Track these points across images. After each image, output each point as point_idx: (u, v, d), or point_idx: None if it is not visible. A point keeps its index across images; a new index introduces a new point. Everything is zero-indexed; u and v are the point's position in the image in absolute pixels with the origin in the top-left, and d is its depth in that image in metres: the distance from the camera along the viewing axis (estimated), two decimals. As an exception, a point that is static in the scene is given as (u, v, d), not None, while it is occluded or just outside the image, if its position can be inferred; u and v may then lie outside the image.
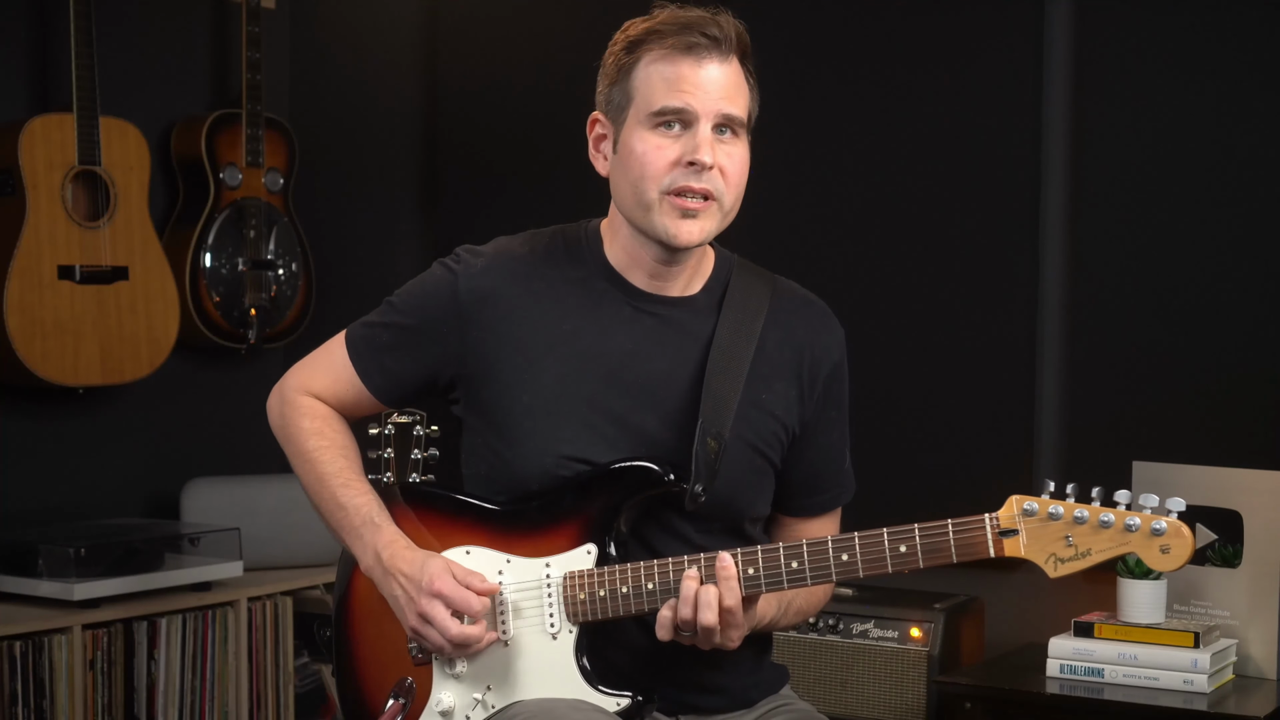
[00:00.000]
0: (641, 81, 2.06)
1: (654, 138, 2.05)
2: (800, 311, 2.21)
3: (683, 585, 1.99)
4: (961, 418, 3.49)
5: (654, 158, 2.04)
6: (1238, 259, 3.24)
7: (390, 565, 2.07)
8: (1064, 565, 1.92)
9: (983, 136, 3.47)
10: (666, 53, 2.05)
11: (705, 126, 2.04)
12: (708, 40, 2.04)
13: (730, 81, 2.06)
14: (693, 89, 2.03)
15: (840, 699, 3.29)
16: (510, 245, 2.20)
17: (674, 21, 2.06)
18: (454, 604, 2.02)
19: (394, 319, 2.20)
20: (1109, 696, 2.94)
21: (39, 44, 3.82)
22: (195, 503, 3.97)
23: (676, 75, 2.04)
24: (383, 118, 4.33)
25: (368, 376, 2.21)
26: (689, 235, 2.06)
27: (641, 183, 2.06)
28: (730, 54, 2.06)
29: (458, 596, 2.02)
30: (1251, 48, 3.23)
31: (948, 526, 1.96)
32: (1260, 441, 3.16)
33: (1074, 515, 1.92)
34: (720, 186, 2.06)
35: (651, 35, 2.06)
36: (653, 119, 2.05)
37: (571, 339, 2.13)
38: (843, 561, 1.99)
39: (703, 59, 2.04)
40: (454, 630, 2.02)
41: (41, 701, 3.41)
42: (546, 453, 2.10)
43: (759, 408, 2.13)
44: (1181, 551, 1.89)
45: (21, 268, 3.60)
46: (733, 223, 2.16)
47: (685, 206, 2.04)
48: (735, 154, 2.07)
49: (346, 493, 2.15)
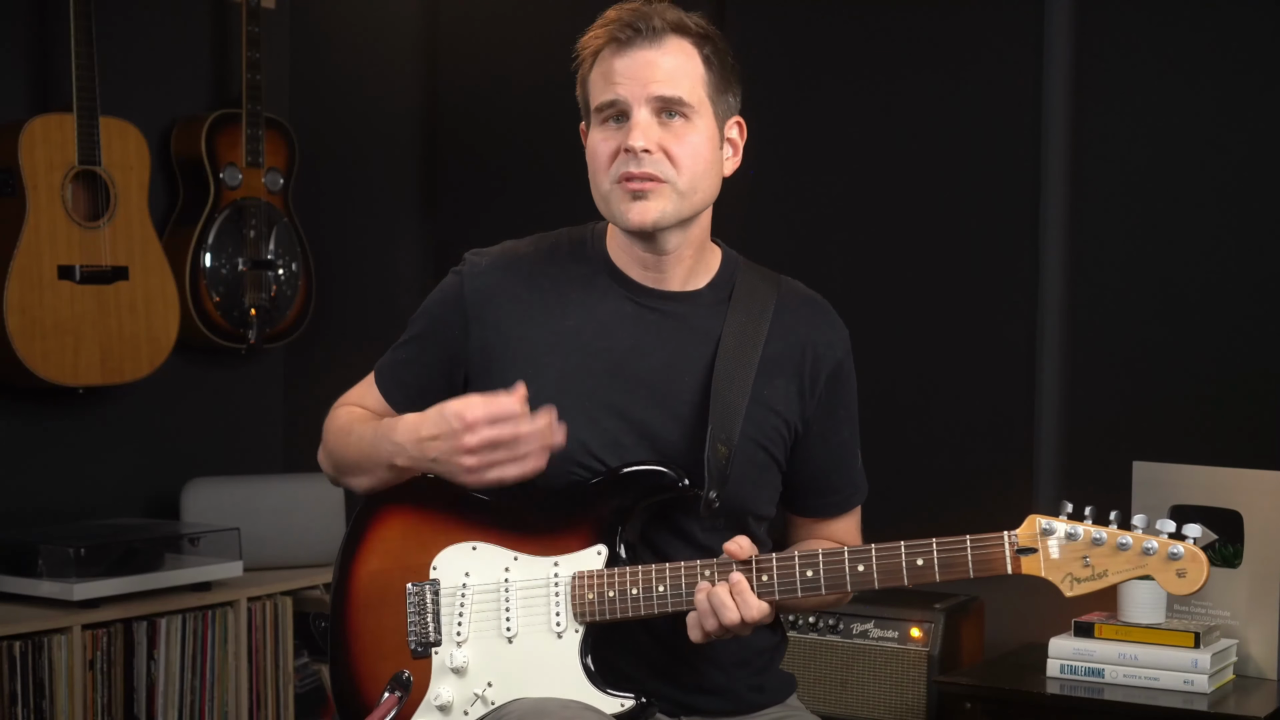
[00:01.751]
0: (590, 83, 2.13)
1: (600, 132, 2.10)
2: (802, 309, 2.21)
3: (695, 600, 2.00)
4: (962, 418, 3.49)
5: (600, 150, 2.10)
6: (1238, 259, 3.24)
7: (412, 440, 2.05)
8: (1080, 585, 1.94)
9: (983, 136, 3.47)
10: (604, 51, 2.11)
11: (640, 112, 2.06)
12: (633, 31, 2.08)
13: (662, 65, 2.07)
14: (621, 79, 2.07)
15: (840, 699, 3.29)
16: (516, 246, 2.23)
17: (605, 21, 2.12)
18: (495, 412, 1.98)
19: (410, 334, 2.24)
20: (1109, 697, 2.93)
21: (39, 44, 3.82)
22: (195, 503, 3.97)
23: (609, 69, 2.09)
24: (383, 118, 4.33)
25: (390, 396, 2.23)
26: (641, 215, 2.07)
27: (596, 176, 2.11)
28: (660, 39, 2.08)
29: (495, 404, 1.98)
30: (1251, 48, 3.23)
31: (966, 542, 1.96)
32: (1260, 441, 3.16)
33: (1093, 537, 1.93)
34: (667, 169, 2.07)
35: (593, 40, 2.13)
36: (597, 116, 2.11)
37: (574, 335, 2.14)
38: (859, 573, 1.99)
39: (627, 49, 2.08)
40: (524, 427, 1.97)
41: (41, 702, 3.41)
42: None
43: (761, 404, 2.14)
44: (1197, 576, 1.91)
45: (21, 268, 3.60)
46: (733, 223, 2.16)
47: (632, 189, 2.07)
48: (684, 135, 2.08)
49: (363, 426, 2.17)
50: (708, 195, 2.13)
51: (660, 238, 2.11)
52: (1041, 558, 1.95)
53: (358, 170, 4.36)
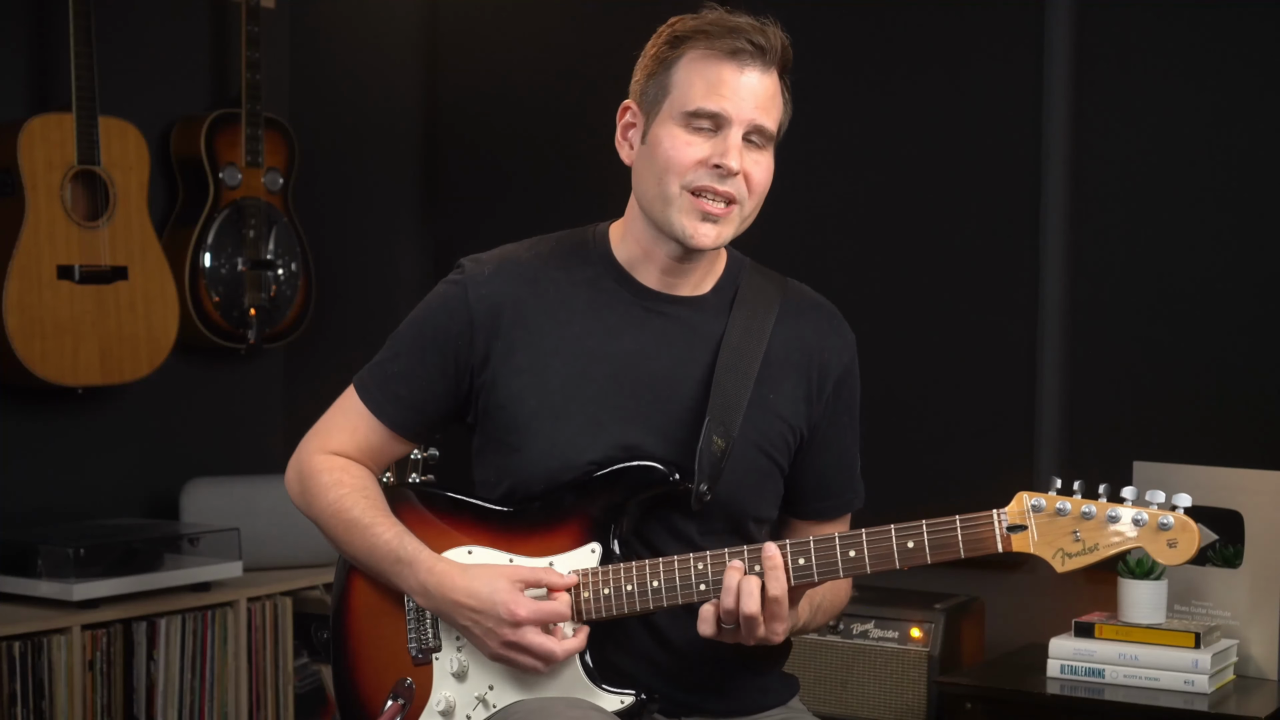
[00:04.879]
0: (681, 78, 2.06)
1: (684, 134, 2.05)
2: (810, 314, 2.21)
3: (726, 576, 1.99)
4: (962, 418, 3.49)
5: (682, 153, 2.05)
6: (1238, 259, 3.24)
7: (446, 599, 2.05)
8: (1071, 560, 1.93)
9: (983, 137, 3.47)
10: (710, 54, 2.05)
11: (737, 133, 2.04)
12: (753, 48, 2.04)
13: (768, 93, 2.07)
14: (731, 94, 2.04)
15: (840, 699, 3.29)
16: (515, 251, 2.20)
17: (722, 25, 2.06)
18: (543, 620, 2.01)
19: (402, 348, 2.19)
20: (1110, 697, 2.93)
21: (39, 44, 3.82)
22: (195, 503, 3.96)
23: (717, 78, 2.04)
24: (383, 118, 4.33)
25: (383, 412, 2.18)
26: (705, 238, 2.06)
27: (666, 175, 2.06)
28: (772, 65, 2.07)
29: (544, 612, 2.01)
30: (1251, 49, 3.23)
31: (955, 522, 1.96)
32: (1260, 441, 3.16)
33: (1081, 511, 1.93)
34: (743, 193, 2.07)
35: (698, 34, 2.06)
36: (686, 117, 2.05)
37: (578, 340, 2.13)
38: (850, 558, 1.99)
39: (745, 66, 2.05)
40: (558, 650, 2.01)
41: (41, 702, 3.41)
42: (553, 455, 2.10)
43: (766, 409, 2.13)
44: (1189, 546, 1.90)
45: (21, 268, 3.60)
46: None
47: (706, 209, 2.05)
48: (762, 163, 2.08)
49: (372, 534, 2.12)
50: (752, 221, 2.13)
51: (698, 253, 2.11)
52: (1031, 534, 1.94)
53: (357, 170, 4.36)
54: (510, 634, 2.01)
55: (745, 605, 1.97)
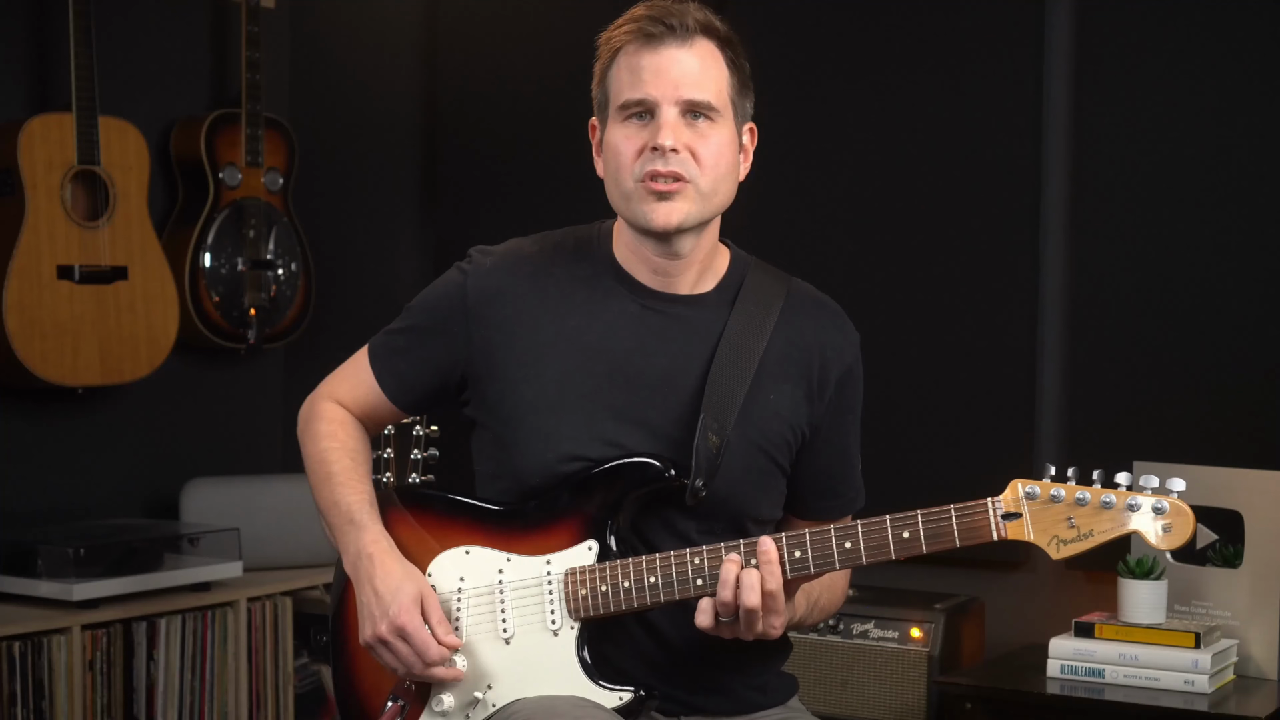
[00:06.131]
0: (613, 79, 2.10)
1: (624, 129, 2.08)
2: (813, 312, 2.20)
3: (723, 569, 1.99)
4: (962, 418, 3.49)
5: (624, 148, 2.07)
6: (1238, 259, 3.24)
7: (368, 573, 2.08)
8: (1066, 547, 1.93)
9: (983, 136, 3.47)
10: (630, 46, 2.08)
11: (668, 112, 2.05)
12: (664, 28, 2.06)
13: (692, 67, 2.07)
14: (651, 77, 2.06)
15: (840, 699, 3.29)
16: (521, 245, 2.22)
17: (635, 17, 2.10)
18: (414, 646, 2.04)
19: (409, 323, 2.24)
20: (1110, 697, 2.93)
21: (39, 44, 3.82)
22: (195, 503, 3.96)
23: (638, 66, 2.07)
24: (383, 118, 4.33)
25: (383, 381, 2.23)
26: (665, 216, 2.06)
27: (619, 173, 2.08)
28: (690, 38, 2.07)
29: (419, 639, 2.04)
30: (1251, 48, 3.23)
31: (950, 511, 1.97)
32: (1260, 441, 3.16)
33: (1075, 497, 1.93)
34: (692, 170, 2.06)
35: (621, 35, 2.10)
36: (621, 113, 2.08)
37: (576, 335, 2.13)
38: (846, 550, 1.99)
39: (659, 47, 2.06)
40: (418, 669, 2.05)
41: (40, 702, 3.41)
42: (548, 449, 2.11)
43: (765, 408, 2.13)
44: (1184, 530, 1.90)
45: (21, 268, 3.60)
46: (734, 223, 2.16)
47: (657, 189, 2.06)
48: (710, 135, 2.07)
49: (342, 490, 2.17)
50: (726, 199, 2.12)
51: (676, 241, 2.10)
52: (1026, 521, 1.94)
53: (357, 170, 4.36)
54: (385, 632, 2.05)
55: (746, 598, 1.97)
